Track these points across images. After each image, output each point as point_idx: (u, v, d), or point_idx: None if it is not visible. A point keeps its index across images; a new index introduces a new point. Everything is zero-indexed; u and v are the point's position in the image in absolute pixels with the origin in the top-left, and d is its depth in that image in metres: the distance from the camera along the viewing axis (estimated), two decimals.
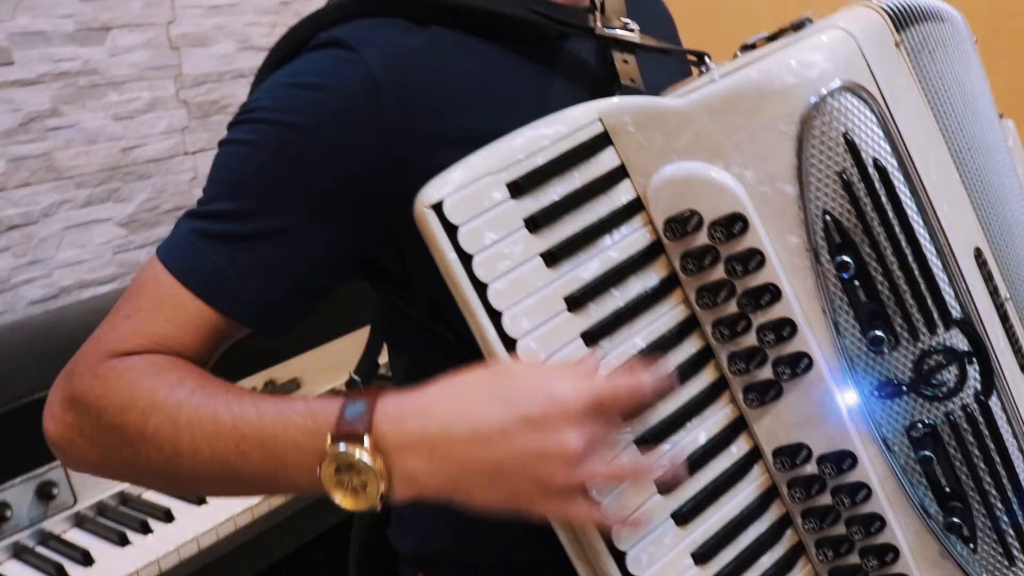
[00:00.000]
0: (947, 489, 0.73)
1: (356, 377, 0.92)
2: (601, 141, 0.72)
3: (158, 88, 1.77)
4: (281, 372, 1.50)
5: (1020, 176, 0.87)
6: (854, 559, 0.76)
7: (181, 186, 1.83)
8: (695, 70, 0.82)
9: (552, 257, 0.70)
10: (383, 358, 0.95)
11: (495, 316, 0.67)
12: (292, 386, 1.50)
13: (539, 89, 0.80)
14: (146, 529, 1.38)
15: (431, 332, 0.83)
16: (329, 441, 0.65)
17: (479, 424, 0.64)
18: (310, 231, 0.74)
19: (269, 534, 1.43)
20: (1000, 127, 0.88)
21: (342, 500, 0.66)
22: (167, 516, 1.40)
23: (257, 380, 1.47)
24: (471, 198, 0.67)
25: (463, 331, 0.70)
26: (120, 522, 1.41)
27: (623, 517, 0.68)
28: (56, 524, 1.40)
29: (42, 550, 1.37)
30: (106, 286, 1.71)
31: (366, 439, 0.64)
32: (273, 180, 0.74)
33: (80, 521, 1.42)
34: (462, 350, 0.72)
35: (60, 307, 1.63)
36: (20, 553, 1.36)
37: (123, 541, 1.36)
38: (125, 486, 1.44)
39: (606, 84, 0.84)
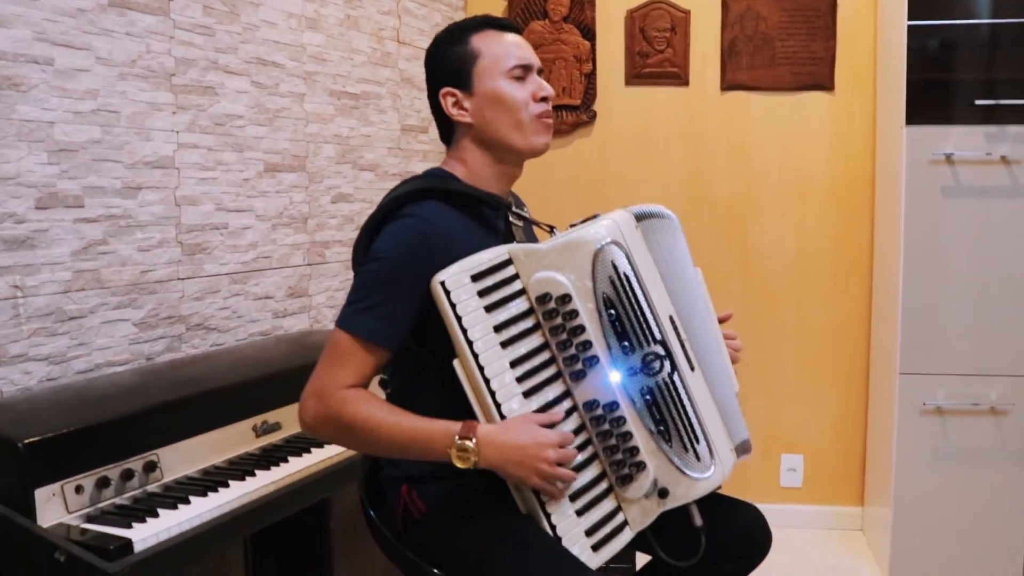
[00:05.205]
0: (658, 416, 1.61)
1: (385, 376, 1.76)
2: (507, 262, 1.60)
3: (165, 231, 2.55)
4: (269, 417, 2.27)
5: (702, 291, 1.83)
6: (619, 456, 1.62)
7: (173, 301, 2.58)
8: (547, 232, 1.74)
9: (488, 309, 1.56)
10: None
11: (464, 331, 1.54)
12: (276, 427, 2.26)
13: (479, 235, 1.68)
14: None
15: (420, 356, 1.66)
16: (457, 438, 1.51)
17: (518, 441, 1.51)
18: (412, 300, 1.57)
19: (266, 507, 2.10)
20: (693, 268, 1.83)
21: (456, 462, 1.51)
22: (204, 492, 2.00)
23: (256, 420, 2.24)
24: (457, 279, 1.54)
25: (440, 351, 1.57)
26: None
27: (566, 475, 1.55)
28: None
29: None
30: (124, 366, 2.41)
31: (474, 439, 1.50)
32: (392, 282, 1.57)
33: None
34: (436, 367, 1.58)
35: (93, 377, 2.31)
36: None
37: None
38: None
39: (507, 236, 1.74)
